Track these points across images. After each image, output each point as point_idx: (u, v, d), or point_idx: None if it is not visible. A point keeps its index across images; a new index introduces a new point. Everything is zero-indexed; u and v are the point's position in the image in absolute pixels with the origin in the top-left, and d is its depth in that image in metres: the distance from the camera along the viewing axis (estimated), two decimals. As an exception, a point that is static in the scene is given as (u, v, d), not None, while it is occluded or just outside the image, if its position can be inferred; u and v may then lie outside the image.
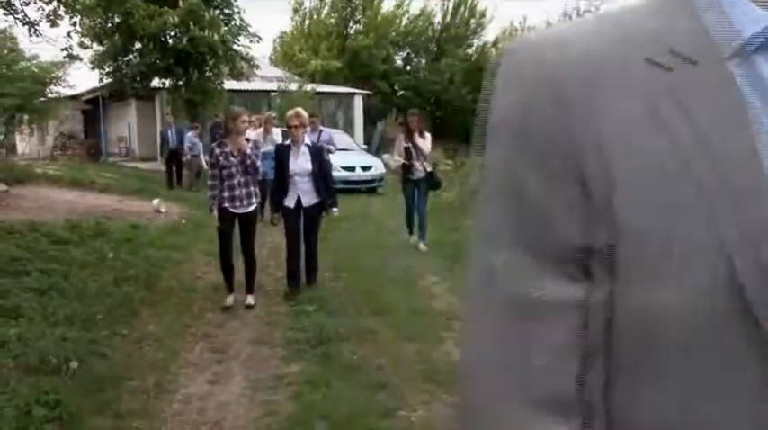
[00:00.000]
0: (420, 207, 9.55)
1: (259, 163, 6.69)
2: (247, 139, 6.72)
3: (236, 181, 6.46)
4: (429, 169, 9.55)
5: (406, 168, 9.40)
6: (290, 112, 7.15)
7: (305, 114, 7.16)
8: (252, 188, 6.63)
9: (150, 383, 4.72)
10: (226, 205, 6.45)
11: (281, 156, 7.12)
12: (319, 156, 7.12)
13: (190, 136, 17.24)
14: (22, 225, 9.25)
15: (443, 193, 13.15)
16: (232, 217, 6.53)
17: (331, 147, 11.03)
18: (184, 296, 7.01)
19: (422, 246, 9.46)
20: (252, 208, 6.65)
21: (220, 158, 6.43)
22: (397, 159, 9.61)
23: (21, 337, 5.07)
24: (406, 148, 9.37)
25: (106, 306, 6.32)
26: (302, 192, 6.97)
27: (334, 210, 7.34)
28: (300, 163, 6.92)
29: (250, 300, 6.70)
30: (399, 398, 4.48)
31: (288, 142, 7.22)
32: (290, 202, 7.00)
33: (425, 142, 9.54)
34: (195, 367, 5.06)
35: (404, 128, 9.77)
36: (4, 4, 10.20)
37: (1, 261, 7.14)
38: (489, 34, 43.88)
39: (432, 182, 9.69)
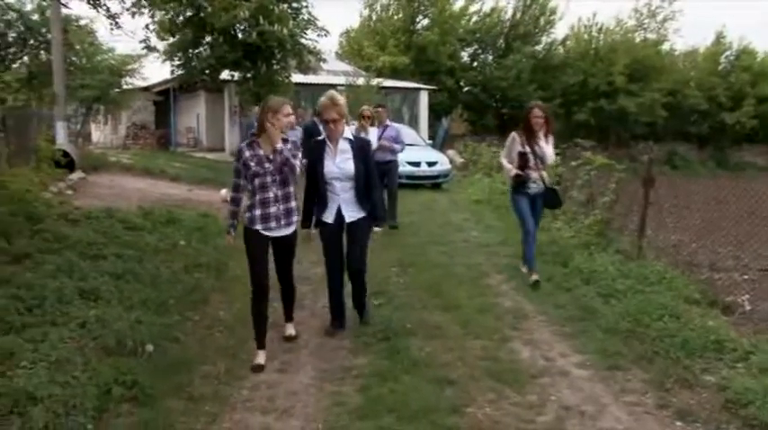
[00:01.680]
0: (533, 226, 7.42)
1: (298, 165, 5.07)
2: (285, 140, 4.99)
3: (271, 194, 4.95)
4: (548, 183, 7.42)
5: (520, 179, 7.23)
6: (324, 100, 5.41)
7: (343, 102, 5.43)
8: (293, 203, 5.10)
9: (221, 369, 4.83)
10: (257, 227, 4.97)
11: (313, 153, 5.56)
12: (364, 153, 5.51)
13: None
14: (98, 211, 9.54)
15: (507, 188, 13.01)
16: (265, 242, 5.05)
17: (397, 146, 10.30)
18: (252, 285, 7.10)
19: (533, 276, 7.18)
20: (291, 229, 5.11)
21: (251, 163, 4.90)
22: (507, 167, 7.36)
23: (99, 319, 5.24)
24: (522, 154, 7.17)
25: (178, 292, 6.48)
26: (344, 202, 5.46)
27: (377, 229, 5.65)
28: (340, 164, 5.37)
29: (290, 329, 5.54)
30: (466, 395, 4.45)
31: (322, 137, 5.61)
32: (328, 217, 5.50)
33: (548, 147, 7.27)
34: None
35: (523, 126, 7.25)
36: (89, -2, 10.55)
37: (80, 245, 7.38)
38: (558, 31, 43.09)
39: (550, 198, 7.44)
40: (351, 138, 5.47)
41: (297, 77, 23.10)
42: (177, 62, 22.37)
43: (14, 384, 3.98)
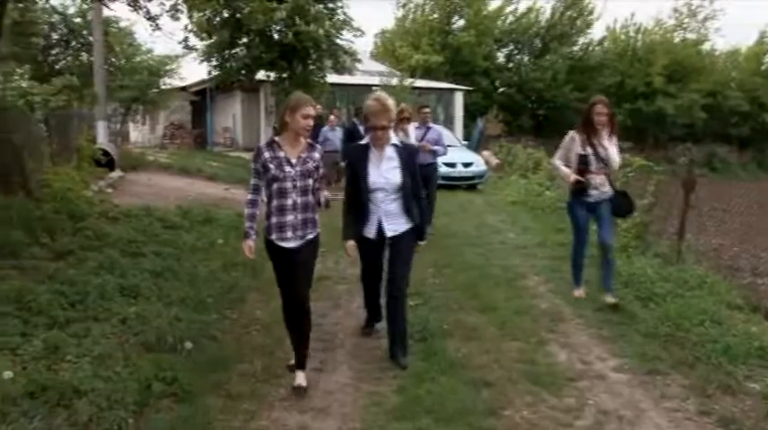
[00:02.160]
0: (604, 238, 6.39)
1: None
2: (313, 143, 4.62)
3: (289, 201, 4.42)
4: (615, 187, 6.51)
5: (580, 186, 6.30)
6: (373, 104, 4.88)
7: (393, 106, 4.95)
8: (313, 214, 4.56)
9: (258, 367, 4.87)
10: (272, 236, 4.49)
11: (354, 160, 5.07)
12: (413, 161, 5.00)
13: (325, 130, 16.05)
14: (137, 209, 9.70)
15: (546, 192, 12.94)
16: (280, 254, 4.54)
17: (439, 149, 9.69)
18: (288, 284, 7.14)
19: (609, 298, 6.32)
20: (309, 241, 4.54)
21: (270, 165, 4.41)
22: (564, 171, 6.43)
23: (139, 316, 5.33)
24: (582, 157, 6.26)
25: (215, 290, 6.56)
26: (385, 215, 4.94)
27: (421, 243, 5.12)
28: (385, 174, 4.87)
29: (301, 379, 4.57)
30: (503, 397, 4.43)
31: (366, 141, 5.06)
32: (368, 231, 5.01)
33: (612, 147, 6.30)
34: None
35: (583, 124, 6.33)
36: (130, 0, 10.72)
37: (120, 243, 7.51)
38: (595, 32, 42.62)
39: (620, 203, 6.44)
40: (397, 143, 4.97)
41: (332, 78, 23.22)
42: (214, 62, 22.65)
43: (60, 377, 4.08)
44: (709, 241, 8.89)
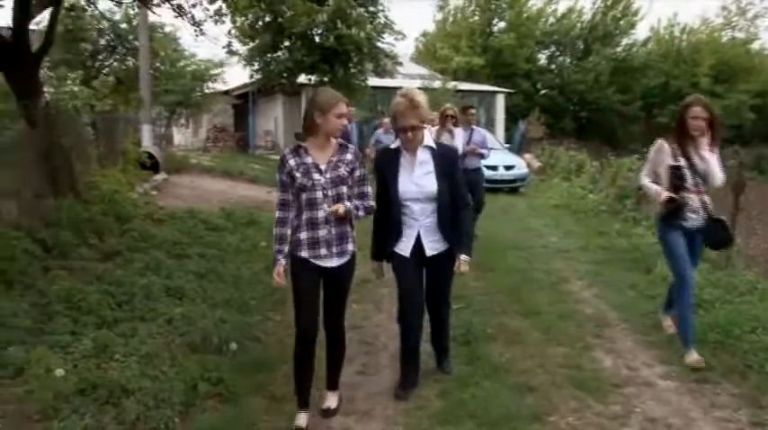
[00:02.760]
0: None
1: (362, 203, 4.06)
2: (345, 143, 4.10)
3: (321, 213, 3.89)
4: (710, 211, 5.09)
5: (674, 206, 5.02)
6: (400, 101, 4.25)
7: (424, 102, 4.24)
8: (348, 227, 4.03)
9: (302, 369, 4.87)
10: (303, 254, 3.92)
11: (383, 167, 4.41)
12: (452, 165, 4.38)
13: (379, 133, 14.23)
14: (181, 211, 9.85)
15: (590, 195, 12.79)
16: (316, 274, 3.96)
17: (484, 152, 9.32)
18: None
19: (692, 357, 4.97)
20: (346, 259, 4.01)
21: (296, 174, 3.88)
22: (653, 188, 5.14)
23: (185, 316, 5.41)
24: (675, 169, 5.02)
25: (259, 292, 6.61)
26: (424, 230, 4.33)
27: (464, 257, 4.35)
28: (418, 181, 4.27)
29: (331, 401, 4.28)
30: (548, 403, 4.37)
31: (396, 144, 4.43)
32: (403, 248, 4.37)
33: (713, 159, 5.03)
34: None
35: (675, 130, 5.09)
36: (175, 6, 10.92)
37: (166, 244, 7.64)
38: (639, 32, 42.00)
39: (715, 233, 5.16)
40: (432, 146, 4.32)
41: (373, 81, 23.26)
42: (256, 66, 22.89)
43: (109, 376, 4.17)
44: (759, 245, 8.67)
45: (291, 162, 3.92)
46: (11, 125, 8.72)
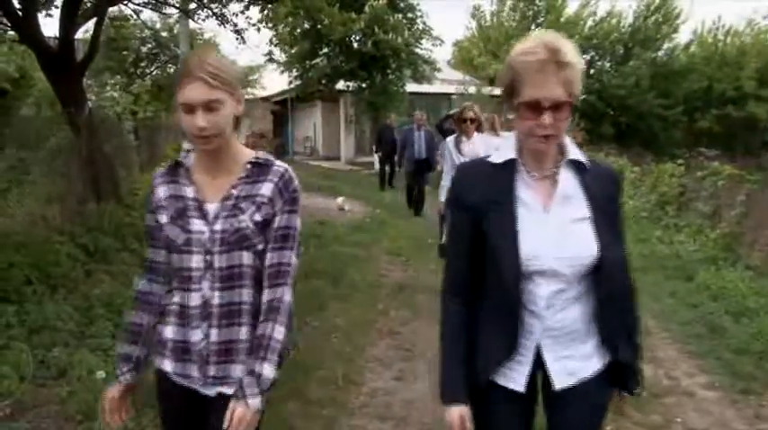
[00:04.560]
0: None
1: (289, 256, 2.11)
2: (266, 161, 2.18)
3: (196, 296, 2.04)
4: None
5: None
6: (529, 48, 1.81)
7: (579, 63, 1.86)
8: (246, 328, 2.10)
9: (338, 374, 4.88)
10: (166, 366, 2.15)
11: (474, 203, 1.96)
12: (615, 203, 2.05)
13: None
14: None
15: (630, 201, 12.60)
16: (182, 405, 2.20)
17: None
18: (369, 293, 7.18)
19: None
20: (230, 389, 2.04)
21: (161, 217, 2.14)
22: None
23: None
24: None
25: (296, 297, 6.60)
26: (551, 336, 1.95)
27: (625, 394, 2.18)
28: (559, 233, 1.90)
29: None
30: (587, 412, 4.31)
31: (505, 156, 1.98)
32: (508, 376, 1.99)
33: None
34: (380, 362, 5.17)
35: None
36: (218, 15, 11.12)
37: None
38: (681, 35, 41.23)
39: None
40: (583, 160, 1.97)
41: (411, 87, 23.30)
42: (295, 73, 23.10)
43: (148, 379, 4.20)
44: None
45: (160, 192, 2.15)
46: (57, 132, 8.91)
